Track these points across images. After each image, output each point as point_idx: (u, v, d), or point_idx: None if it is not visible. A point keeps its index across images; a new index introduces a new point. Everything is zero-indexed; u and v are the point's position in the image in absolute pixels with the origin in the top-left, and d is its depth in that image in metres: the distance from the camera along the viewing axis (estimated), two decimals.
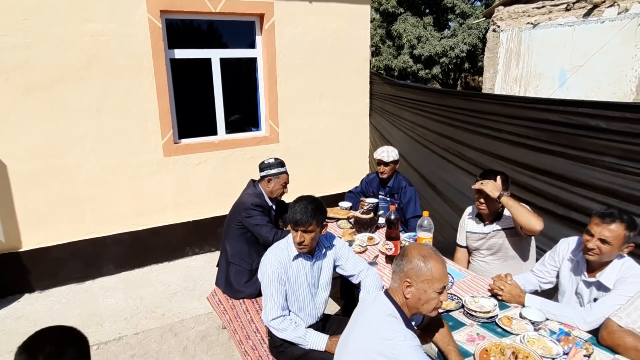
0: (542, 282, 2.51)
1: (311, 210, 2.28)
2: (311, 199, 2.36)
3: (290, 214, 2.30)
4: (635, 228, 2.11)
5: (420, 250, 1.79)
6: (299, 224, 2.27)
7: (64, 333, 1.43)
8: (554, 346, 1.94)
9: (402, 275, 1.75)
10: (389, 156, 3.54)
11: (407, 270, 1.74)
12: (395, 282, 1.79)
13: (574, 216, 3.26)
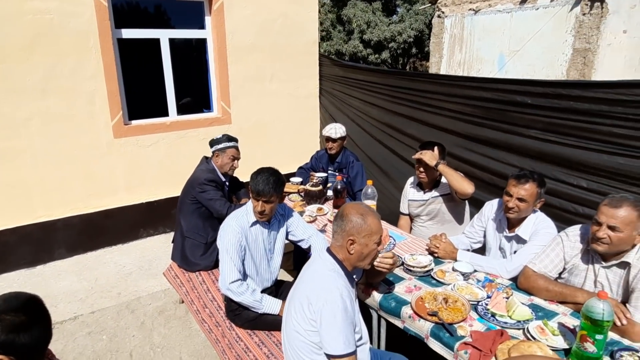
0: (472, 242, 2.81)
1: (273, 182, 2.41)
2: (272, 170, 2.48)
3: (253, 184, 2.41)
4: (545, 185, 2.42)
5: (357, 209, 1.93)
6: (261, 194, 2.39)
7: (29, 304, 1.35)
8: (480, 292, 2.21)
9: (345, 235, 1.88)
10: (337, 133, 3.72)
11: (348, 229, 1.87)
12: (337, 241, 1.91)
13: (503, 184, 3.61)
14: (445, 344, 1.92)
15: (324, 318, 1.73)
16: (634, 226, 1.91)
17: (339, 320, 1.72)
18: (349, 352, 1.73)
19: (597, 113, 3.10)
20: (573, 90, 3.23)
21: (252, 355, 2.43)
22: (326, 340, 1.75)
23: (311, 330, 1.79)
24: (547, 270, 2.21)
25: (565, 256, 2.20)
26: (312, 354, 1.83)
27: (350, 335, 1.76)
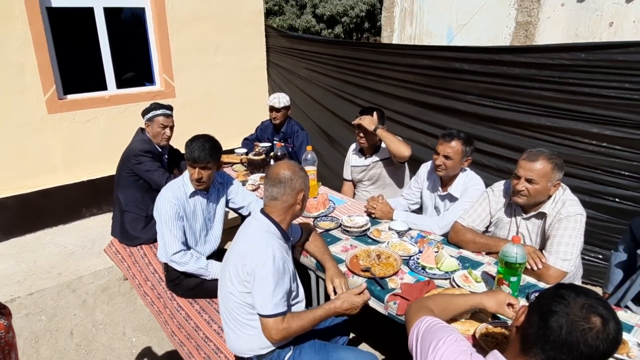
0: (410, 203, 2.89)
1: (209, 148, 2.36)
2: (208, 137, 2.44)
3: (188, 151, 2.36)
4: (471, 143, 2.52)
5: (293, 164, 1.94)
6: (197, 161, 2.34)
7: None
8: (412, 247, 2.29)
9: (296, 192, 1.87)
10: (280, 102, 3.69)
11: (298, 185, 1.87)
12: (285, 202, 1.88)
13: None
14: (376, 297, 1.98)
15: (256, 279, 1.74)
16: (549, 178, 2.02)
17: (271, 282, 1.74)
18: (278, 312, 1.76)
19: (527, 77, 3.24)
20: (505, 55, 3.35)
21: (193, 322, 2.43)
22: (257, 300, 1.76)
23: (245, 291, 1.80)
24: (475, 225, 2.31)
25: (491, 210, 2.30)
26: (247, 315, 1.85)
27: (281, 296, 1.77)
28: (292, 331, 1.79)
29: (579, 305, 1.02)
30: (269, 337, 1.79)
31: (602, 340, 0.99)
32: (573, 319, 1.00)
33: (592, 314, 1.01)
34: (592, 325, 1.00)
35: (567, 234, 1.99)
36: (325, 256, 2.19)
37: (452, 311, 1.54)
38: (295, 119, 5.35)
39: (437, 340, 1.19)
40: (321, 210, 2.73)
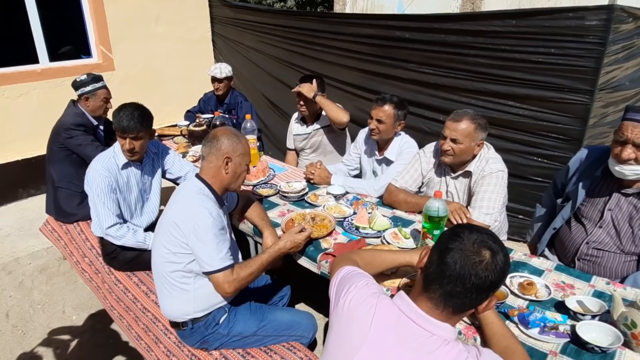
0: (350, 169, 2.94)
1: (138, 117, 2.28)
2: (136, 105, 2.35)
3: (116, 121, 2.27)
4: (404, 107, 2.57)
5: (229, 130, 1.94)
6: (127, 131, 2.26)
7: None
8: (347, 209, 2.34)
9: (220, 154, 1.86)
10: (222, 72, 3.61)
11: (224, 148, 1.86)
12: (210, 163, 1.88)
13: None
14: (309, 257, 2.02)
15: (197, 238, 1.73)
16: (472, 137, 2.10)
17: (212, 237, 1.74)
18: (225, 265, 1.76)
19: (464, 44, 3.32)
20: (443, 24, 3.41)
21: (131, 295, 2.39)
22: (202, 258, 1.75)
23: (183, 253, 1.79)
24: (408, 185, 2.38)
25: (423, 171, 2.38)
26: (181, 279, 1.84)
27: (225, 250, 1.78)
28: (242, 280, 1.81)
29: (472, 241, 1.08)
30: (223, 292, 1.80)
31: (491, 271, 1.06)
32: (466, 254, 1.07)
33: (482, 248, 1.07)
34: (483, 258, 1.06)
35: (489, 189, 2.09)
36: (263, 222, 2.20)
37: (378, 266, 1.59)
38: (245, 90, 5.28)
39: (349, 285, 1.24)
40: (261, 178, 2.73)
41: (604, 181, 1.91)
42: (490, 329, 1.37)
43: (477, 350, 1.09)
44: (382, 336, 1.10)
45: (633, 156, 1.69)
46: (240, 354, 1.92)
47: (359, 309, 1.16)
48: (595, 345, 1.34)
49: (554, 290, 1.66)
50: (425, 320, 1.09)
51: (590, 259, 1.94)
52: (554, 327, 1.46)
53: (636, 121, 1.68)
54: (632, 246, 1.84)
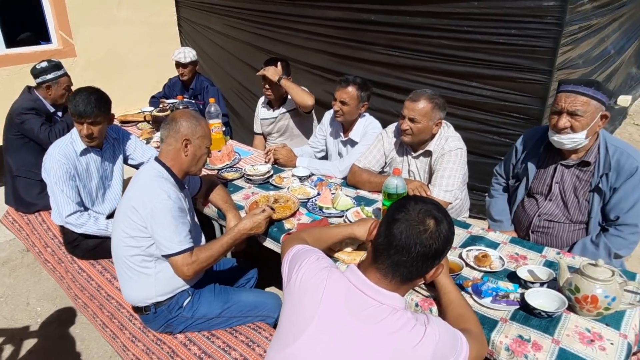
0: (316, 151, 2.94)
1: (95, 101, 2.22)
2: (93, 89, 2.29)
3: (72, 106, 2.21)
4: (368, 89, 2.58)
5: (189, 113, 1.91)
6: (83, 115, 2.21)
7: None
8: (312, 191, 2.35)
9: (179, 136, 1.83)
10: (186, 57, 3.54)
11: (183, 130, 1.83)
12: (169, 146, 1.85)
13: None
14: (273, 238, 2.03)
15: (155, 221, 1.72)
16: (430, 117, 2.13)
17: (171, 220, 1.72)
18: (184, 248, 1.75)
19: (428, 26, 3.34)
20: (407, 6, 3.42)
21: (95, 283, 2.36)
22: (160, 241, 1.74)
23: (142, 236, 1.77)
24: (371, 166, 2.41)
25: (385, 151, 2.40)
26: (142, 262, 1.82)
27: (184, 233, 1.77)
28: (202, 262, 1.80)
29: (417, 211, 1.11)
30: (182, 275, 1.79)
31: (435, 239, 1.09)
32: (411, 223, 1.09)
33: (427, 217, 1.10)
34: (427, 227, 1.09)
35: (448, 167, 2.13)
36: (226, 205, 2.19)
37: (326, 241, 1.61)
38: (214, 75, 5.21)
39: (301, 262, 1.25)
40: (226, 162, 2.71)
41: (548, 156, 2.01)
42: (447, 299, 1.42)
43: (425, 317, 1.13)
44: (332, 308, 1.12)
45: (568, 124, 1.79)
46: (206, 335, 1.93)
47: (310, 284, 1.18)
48: (542, 311, 1.40)
49: (508, 262, 1.72)
50: (374, 290, 1.12)
51: (543, 231, 2.01)
52: (505, 296, 1.51)
53: (568, 92, 1.77)
54: (579, 215, 1.93)
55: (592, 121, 1.80)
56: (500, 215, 2.22)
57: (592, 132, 1.84)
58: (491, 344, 1.38)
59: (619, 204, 1.83)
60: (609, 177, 1.84)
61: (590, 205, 1.90)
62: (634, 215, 1.82)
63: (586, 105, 1.77)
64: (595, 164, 1.87)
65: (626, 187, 1.80)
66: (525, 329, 1.40)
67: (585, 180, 1.90)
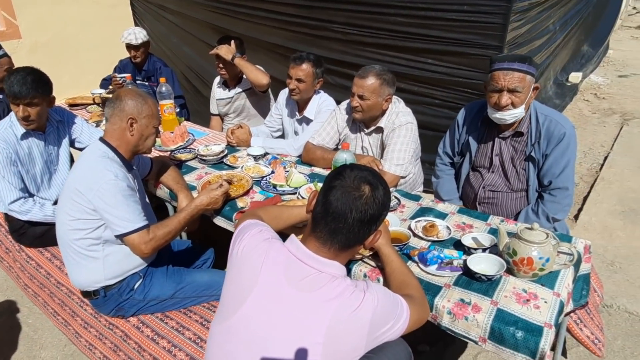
0: (272, 131, 2.92)
1: (31, 81, 2.12)
2: (30, 69, 2.18)
3: (7, 86, 2.11)
4: (321, 65, 2.57)
5: (135, 91, 1.86)
6: (18, 96, 2.11)
7: None
8: (266, 169, 2.33)
9: (124, 115, 1.78)
10: (137, 38, 3.42)
11: (128, 109, 1.77)
12: (114, 125, 1.80)
13: None
14: (225, 217, 2.01)
15: (104, 201, 1.67)
16: (379, 93, 2.15)
17: (121, 199, 1.68)
18: (139, 226, 1.71)
19: (384, 4, 3.33)
20: None
21: (44, 271, 2.29)
22: (113, 221, 1.69)
23: (88, 219, 1.71)
24: (325, 143, 2.41)
25: (339, 128, 2.41)
26: (89, 246, 1.77)
27: (137, 211, 1.73)
28: (160, 239, 1.77)
29: (352, 178, 1.12)
30: (141, 253, 1.76)
31: (371, 205, 1.10)
32: (347, 190, 1.10)
33: (362, 184, 1.11)
34: (362, 193, 1.10)
35: (399, 141, 2.16)
36: (178, 185, 2.16)
37: (285, 219, 1.59)
38: (172, 56, 5.05)
39: (244, 234, 1.25)
40: (179, 143, 2.65)
41: (486, 131, 2.08)
42: (390, 267, 1.44)
43: (365, 284, 1.15)
44: (272, 277, 1.12)
45: (510, 101, 1.84)
46: (159, 317, 1.90)
47: (251, 255, 1.18)
48: (482, 275, 1.45)
49: (455, 231, 1.76)
50: (312, 259, 1.12)
51: (488, 201, 2.08)
52: (449, 263, 1.56)
53: (505, 69, 1.82)
54: (519, 184, 2.02)
55: (528, 95, 1.87)
56: (449, 195, 2.28)
57: (528, 104, 1.91)
58: (434, 309, 1.43)
59: (551, 169, 1.93)
60: (540, 145, 1.92)
61: (527, 173, 1.99)
62: (565, 179, 1.91)
63: (523, 81, 1.85)
64: (528, 133, 1.96)
65: (556, 152, 1.89)
66: (467, 292, 1.45)
67: (521, 150, 1.99)
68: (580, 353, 2.15)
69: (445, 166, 2.34)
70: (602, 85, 5.83)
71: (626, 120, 4.75)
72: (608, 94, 5.54)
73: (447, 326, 1.42)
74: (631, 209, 3.21)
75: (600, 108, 5.15)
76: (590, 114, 5.03)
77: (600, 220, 3.10)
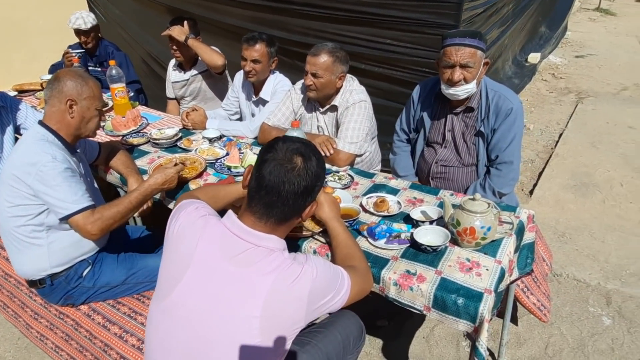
0: (229, 114, 2.88)
1: None
2: None
3: None
4: (274, 44, 2.53)
5: (75, 71, 1.78)
6: None
7: None
8: (221, 151, 2.30)
9: (63, 97, 1.71)
10: (86, 22, 3.26)
11: (66, 90, 1.71)
12: (52, 107, 1.73)
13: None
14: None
15: (44, 184, 1.61)
16: (332, 71, 2.13)
17: (61, 180, 1.62)
18: (83, 206, 1.64)
19: None
20: None
21: None
22: (55, 204, 1.63)
23: (29, 204, 1.65)
24: (280, 123, 2.39)
25: (294, 108, 2.39)
26: (33, 233, 1.71)
27: (80, 192, 1.66)
28: (108, 219, 1.69)
29: (284, 150, 1.11)
30: (88, 235, 1.68)
31: (303, 177, 1.10)
32: (279, 162, 1.10)
33: (294, 155, 1.11)
34: (294, 165, 1.10)
35: (353, 119, 2.16)
36: (128, 169, 2.10)
37: (222, 198, 1.56)
38: (132, 40, 4.88)
39: (180, 212, 1.23)
40: (132, 128, 2.58)
41: (439, 107, 2.11)
42: (336, 241, 1.45)
43: (304, 257, 1.15)
44: (207, 254, 1.11)
45: (462, 77, 1.86)
46: (111, 304, 1.87)
47: (186, 232, 1.16)
48: (427, 246, 1.48)
49: (405, 206, 1.79)
50: (248, 233, 1.11)
51: (441, 176, 2.12)
52: (397, 236, 1.58)
53: (456, 45, 1.84)
54: (469, 158, 2.06)
55: (479, 70, 1.90)
56: (405, 171, 2.30)
57: (479, 80, 1.94)
58: (381, 281, 1.45)
59: (498, 144, 1.97)
60: (489, 120, 1.96)
61: (477, 148, 2.03)
62: (510, 153, 1.96)
63: (474, 57, 1.87)
64: (478, 109, 1.99)
65: (503, 127, 1.94)
66: (413, 264, 1.47)
67: (471, 125, 2.02)
68: (531, 320, 2.24)
69: (402, 143, 2.36)
70: (560, 66, 5.98)
71: (581, 99, 4.90)
72: (565, 74, 5.69)
73: (394, 297, 1.44)
74: (582, 182, 3.33)
75: (558, 87, 5.30)
76: (547, 93, 5.16)
77: (553, 194, 3.21)
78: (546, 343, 2.15)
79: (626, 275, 2.50)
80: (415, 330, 2.27)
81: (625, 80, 5.40)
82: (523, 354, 2.11)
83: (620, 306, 2.32)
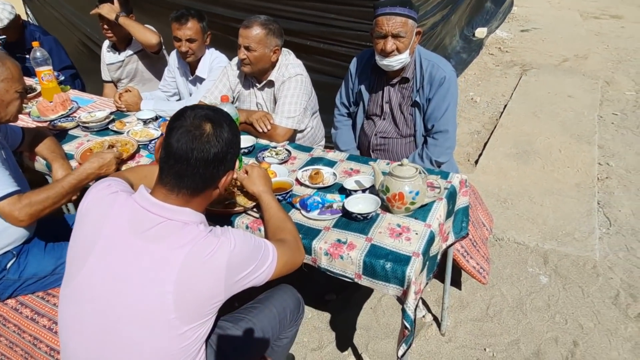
0: (168, 95, 2.78)
1: None
2: None
3: None
4: (204, 18, 2.45)
5: None
6: None
7: None
8: (155, 132, 2.21)
9: None
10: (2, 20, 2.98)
11: None
12: None
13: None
14: None
15: None
16: (265, 44, 2.07)
17: None
18: (8, 192, 1.55)
19: None
20: None
21: None
22: None
23: None
24: (218, 101, 2.30)
25: (231, 85, 2.32)
26: None
27: (6, 178, 1.57)
28: (37, 204, 1.61)
29: (192, 117, 1.07)
30: (15, 222, 1.59)
31: (213, 144, 1.06)
32: (187, 129, 1.05)
33: (203, 122, 1.07)
34: (203, 131, 1.06)
35: (289, 94, 2.12)
36: (53, 154, 1.98)
37: (152, 179, 1.51)
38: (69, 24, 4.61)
39: (90, 190, 1.17)
40: (60, 112, 2.44)
41: (376, 79, 2.10)
42: (267, 214, 1.43)
43: (222, 230, 1.11)
44: (115, 231, 1.06)
45: (394, 47, 1.85)
46: (40, 296, 1.78)
47: (95, 208, 1.11)
48: (358, 214, 1.47)
49: (341, 177, 1.78)
50: (159, 207, 1.07)
51: (381, 148, 2.13)
52: (330, 206, 1.57)
53: (387, 14, 1.82)
54: (407, 129, 2.07)
55: (411, 40, 1.89)
56: (346, 145, 2.29)
57: (412, 49, 1.93)
58: (313, 252, 1.44)
59: (433, 113, 1.98)
60: (424, 90, 1.96)
61: (414, 119, 2.03)
62: (445, 122, 1.98)
63: (406, 26, 1.85)
64: (413, 79, 1.99)
65: (437, 96, 1.95)
66: (344, 233, 1.47)
67: (407, 96, 2.02)
68: (474, 284, 2.30)
69: (342, 117, 2.34)
70: (506, 40, 6.11)
71: (525, 71, 5.03)
72: (511, 48, 5.82)
73: (325, 267, 1.44)
74: (524, 150, 3.44)
75: (503, 61, 5.41)
76: (494, 67, 5.27)
77: (497, 163, 3.30)
78: (487, 304, 2.22)
79: (562, 235, 2.61)
80: (364, 302, 2.30)
81: (567, 52, 5.58)
82: (466, 316, 2.17)
83: (557, 265, 2.43)
